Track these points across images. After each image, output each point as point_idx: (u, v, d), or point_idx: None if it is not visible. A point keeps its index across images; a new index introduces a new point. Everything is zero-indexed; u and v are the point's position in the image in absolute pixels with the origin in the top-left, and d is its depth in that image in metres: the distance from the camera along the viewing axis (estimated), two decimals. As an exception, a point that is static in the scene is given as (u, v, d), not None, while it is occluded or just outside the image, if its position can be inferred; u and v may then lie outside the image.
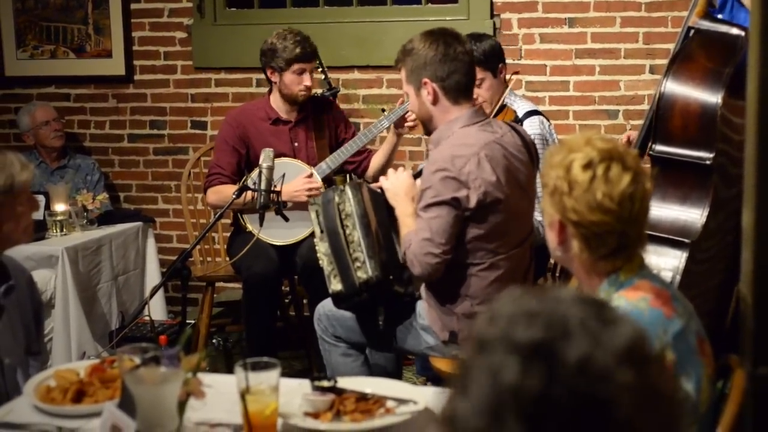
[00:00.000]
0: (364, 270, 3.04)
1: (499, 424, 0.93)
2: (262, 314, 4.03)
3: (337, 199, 3.14)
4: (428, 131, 3.10)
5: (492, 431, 0.94)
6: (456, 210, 2.88)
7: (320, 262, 3.16)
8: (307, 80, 4.09)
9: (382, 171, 4.19)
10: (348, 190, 3.14)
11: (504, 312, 1.00)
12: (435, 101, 3.02)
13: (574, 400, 0.93)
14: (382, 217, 3.16)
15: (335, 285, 3.10)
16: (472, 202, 2.88)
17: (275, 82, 4.14)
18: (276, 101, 4.20)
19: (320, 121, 4.24)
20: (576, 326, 0.97)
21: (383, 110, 4.14)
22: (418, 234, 2.90)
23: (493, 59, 3.81)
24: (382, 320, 3.17)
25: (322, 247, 3.15)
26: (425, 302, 3.11)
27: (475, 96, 3.65)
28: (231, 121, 4.19)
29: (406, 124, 4.01)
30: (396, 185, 3.10)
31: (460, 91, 3.01)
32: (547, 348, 0.95)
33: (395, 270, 3.13)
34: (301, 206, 3.81)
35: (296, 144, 4.18)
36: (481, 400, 0.95)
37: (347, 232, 3.10)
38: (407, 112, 3.92)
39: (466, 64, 3.02)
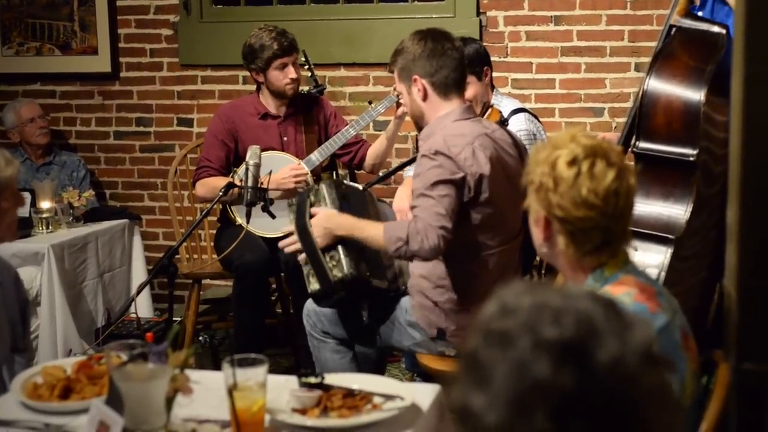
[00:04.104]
0: (340, 268, 3.03)
1: (524, 418, 0.94)
2: (253, 305, 4.02)
3: (312, 198, 3.14)
4: (419, 129, 3.11)
5: (516, 425, 0.94)
6: (460, 190, 2.88)
7: (300, 261, 3.17)
8: (291, 73, 4.11)
9: (383, 157, 4.19)
10: (323, 189, 3.15)
11: (521, 305, 0.99)
12: (425, 97, 3.03)
13: (603, 400, 0.94)
14: (362, 215, 3.15)
15: (313, 285, 3.11)
16: (470, 187, 2.89)
17: (262, 82, 4.16)
18: (265, 98, 4.22)
19: (310, 116, 4.25)
20: (603, 326, 0.97)
21: (370, 102, 4.15)
22: (430, 209, 2.84)
23: (477, 63, 3.80)
24: (366, 316, 3.17)
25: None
26: (413, 298, 3.12)
27: None
28: (221, 116, 4.22)
29: (397, 111, 3.98)
30: (329, 216, 3.06)
31: (449, 86, 3.03)
32: (580, 347, 0.95)
33: (376, 266, 3.13)
34: (289, 197, 3.82)
35: (285, 138, 4.20)
36: (504, 394, 0.95)
37: None
38: (394, 103, 3.94)
39: (455, 60, 3.04)
